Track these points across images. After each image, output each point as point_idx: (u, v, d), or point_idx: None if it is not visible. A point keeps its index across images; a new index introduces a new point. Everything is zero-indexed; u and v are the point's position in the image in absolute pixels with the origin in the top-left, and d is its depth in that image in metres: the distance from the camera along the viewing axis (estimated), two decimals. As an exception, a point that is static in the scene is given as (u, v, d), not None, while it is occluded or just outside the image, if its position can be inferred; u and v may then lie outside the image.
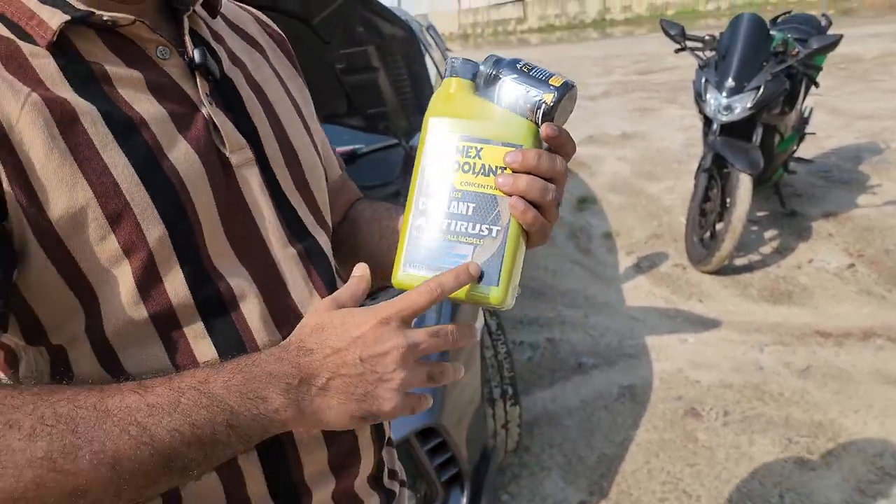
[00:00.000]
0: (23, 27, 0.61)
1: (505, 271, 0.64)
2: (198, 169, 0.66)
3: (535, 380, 3.02)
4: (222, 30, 0.78)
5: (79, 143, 0.60)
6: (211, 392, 0.56)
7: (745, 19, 3.70)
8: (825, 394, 2.69)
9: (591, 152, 6.54)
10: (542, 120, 0.64)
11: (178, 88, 0.68)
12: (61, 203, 0.59)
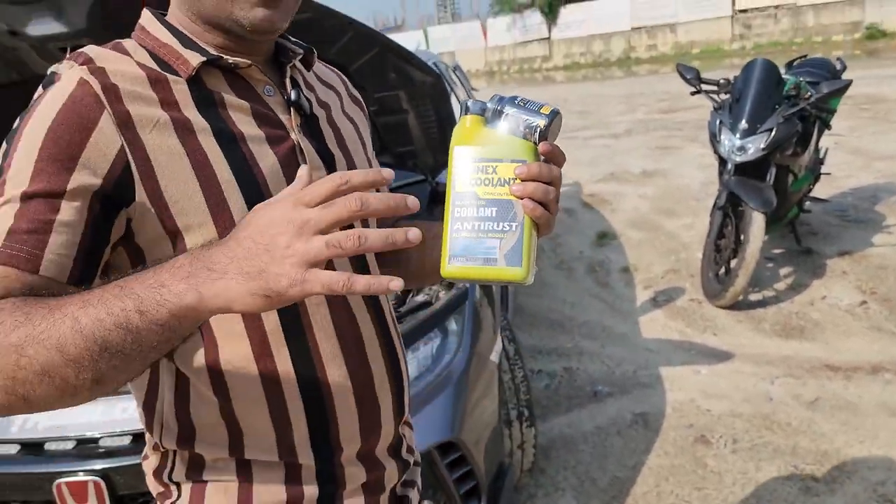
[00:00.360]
0: (170, 64, 0.85)
1: (525, 255, 0.82)
2: (280, 177, 0.86)
3: (552, 406, 3.15)
4: (313, 81, 1.01)
5: (194, 149, 0.81)
6: (125, 285, 0.68)
7: (759, 64, 3.86)
8: (832, 424, 2.78)
9: (612, 189, 6.70)
10: (539, 140, 0.83)
11: (276, 118, 0.89)
12: (177, 191, 0.80)
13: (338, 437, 0.92)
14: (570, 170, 7.68)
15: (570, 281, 4.60)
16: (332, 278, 0.64)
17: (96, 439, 1.79)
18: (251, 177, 0.84)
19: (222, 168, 0.82)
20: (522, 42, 30.81)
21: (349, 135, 1.01)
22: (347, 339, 0.92)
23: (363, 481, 0.96)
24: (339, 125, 1.00)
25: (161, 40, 0.86)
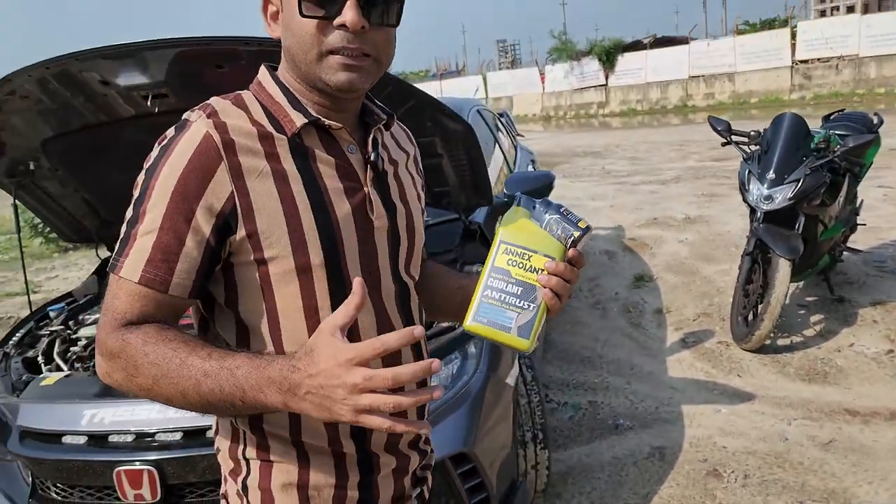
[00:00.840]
0: (279, 120, 1.06)
1: (534, 331, 1.06)
2: (351, 224, 1.07)
3: (573, 436, 3.30)
4: (388, 140, 1.21)
5: (286, 196, 1.02)
6: (236, 376, 0.92)
7: (787, 118, 4.02)
8: (843, 465, 2.87)
9: (653, 234, 6.83)
10: (570, 246, 1.08)
11: (354, 173, 1.09)
12: (268, 229, 1.01)
13: (372, 432, 1.12)
14: (614, 214, 7.87)
15: (604, 320, 4.75)
16: (374, 422, 0.88)
17: (152, 434, 2.05)
18: (328, 222, 1.04)
19: (307, 214, 1.03)
20: (579, 88, 31.12)
21: (409, 189, 1.21)
22: (388, 356, 1.08)
23: (392, 468, 1.17)
24: (402, 180, 1.20)
25: (273, 97, 1.07)
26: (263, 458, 1.11)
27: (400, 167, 1.21)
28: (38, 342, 2.71)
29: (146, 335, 0.97)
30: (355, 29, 0.99)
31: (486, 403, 2.24)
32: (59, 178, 2.83)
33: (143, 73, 2.24)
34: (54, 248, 9.25)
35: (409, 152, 1.27)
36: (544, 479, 2.63)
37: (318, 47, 1.01)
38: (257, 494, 1.10)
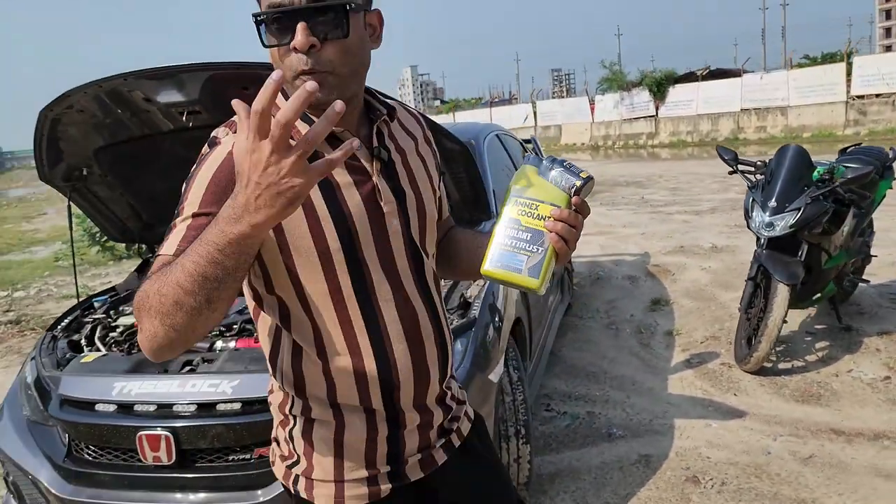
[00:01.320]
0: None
1: (542, 272, 1.21)
2: (362, 211, 1.22)
3: (567, 442, 3.50)
4: (396, 130, 1.34)
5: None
6: (202, 238, 0.99)
7: (791, 150, 4.18)
8: (818, 478, 3.01)
9: (678, 261, 6.97)
10: (573, 195, 1.23)
11: (362, 166, 1.24)
12: (290, 223, 1.17)
13: (399, 393, 1.28)
14: (644, 241, 8.02)
15: (615, 340, 4.93)
16: (319, 166, 0.93)
17: (171, 405, 2.34)
18: (341, 213, 1.20)
19: (322, 208, 1.19)
20: (629, 118, 31.19)
21: (419, 173, 1.34)
22: (408, 326, 1.28)
23: (417, 423, 1.33)
24: (412, 166, 1.33)
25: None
26: (306, 415, 1.31)
27: (409, 154, 1.34)
28: (83, 327, 3.06)
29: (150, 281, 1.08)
30: (304, 49, 1.12)
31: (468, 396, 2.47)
32: (108, 184, 3.20)
33: (180, 92, 2.58)
34: (109, 257, 9.82)
35: (417, 136, 1.39)
36: (526, 472, 2.84)
37: (288, 72, 1.15)
38: (301, 443, 1.32)
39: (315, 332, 1.25)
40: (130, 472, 2.35)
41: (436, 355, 1.34)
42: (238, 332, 2.80)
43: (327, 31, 1.14)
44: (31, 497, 2.56)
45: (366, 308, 1.25)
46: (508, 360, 2.86)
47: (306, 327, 1.25)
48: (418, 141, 1.40)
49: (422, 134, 1.42)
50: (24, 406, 2.69)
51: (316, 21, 1.13)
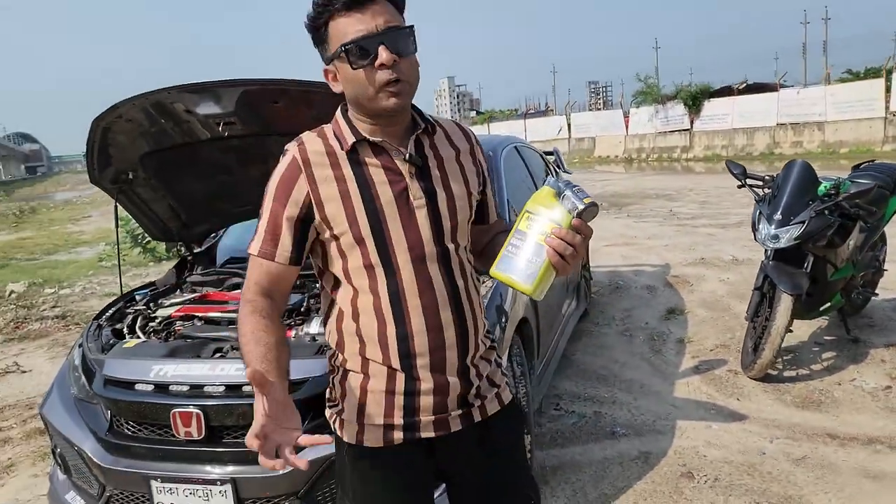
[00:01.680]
0: (340, 141, 1.53)
1: (536, 280, 1.45)
2: (393, 206, 1.52)
3: (573, 438, 3.69)
4: (439, 140, 1.61)
5: (344, 190, 1.51)
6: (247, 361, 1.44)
7: (797, 165, 4.33)
8: (808, 478, 3.16)
9: (697, 272, 7.11)
10: (575, 216, 1.42)
11: (397, 169, 1.53)
12: (332, 212, 1.51)
13: (415, 360, 1.56)
14: (666, 253, 8.15)
15: (628, 346, 5.10)
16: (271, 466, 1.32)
17: (201, 385, 2.59)
18: (373, 206, 1.51)
19: (357, 201, 1.50)
20: (663, 132, 31.11)
21: (455, 178, 1.59)
22: (427, 304, 1.55)
23: (433, 388, 1.57)
24: (447, 171, 1.58)
25: (340, 126, 1.55)
26: (343, 366, 1.62)
27: (447, 161, 1.60)
28: (125, 317, 3.34)
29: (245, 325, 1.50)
30: (389, 63, 1.43)
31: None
32: (151, 186, 3.49)
33: (217, 105, 2.86)
34: (150, 258, 10.23)
35: (460, 148, 1.65)
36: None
37: (373, 86, 1.45)
38: (339, 389, 1.64)
39: (352, 299, 1.57)
40: (164, 445, 2.61)
41: (453, 333, 1.58)
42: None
43: (401, 48, 1.46)
44: (76, 467, 2.83)
45: (391, 285, 1.53)
46: (512, 356, 3.06)
47: (347, 295, 1.57)
48: (461, 152, 1.65)
49: (467, 147, 1.68)
50: (72, 386, 2.98)
51: (392, 41, 1.45)
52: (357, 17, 1.45)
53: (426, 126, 1.59)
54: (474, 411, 1.64)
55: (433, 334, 1.55)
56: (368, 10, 1.45)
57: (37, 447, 4.13)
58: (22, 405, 4.89)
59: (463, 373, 1.61)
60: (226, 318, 3.09)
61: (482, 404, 1.66)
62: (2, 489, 3.67)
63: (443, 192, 1.57)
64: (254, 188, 3.50)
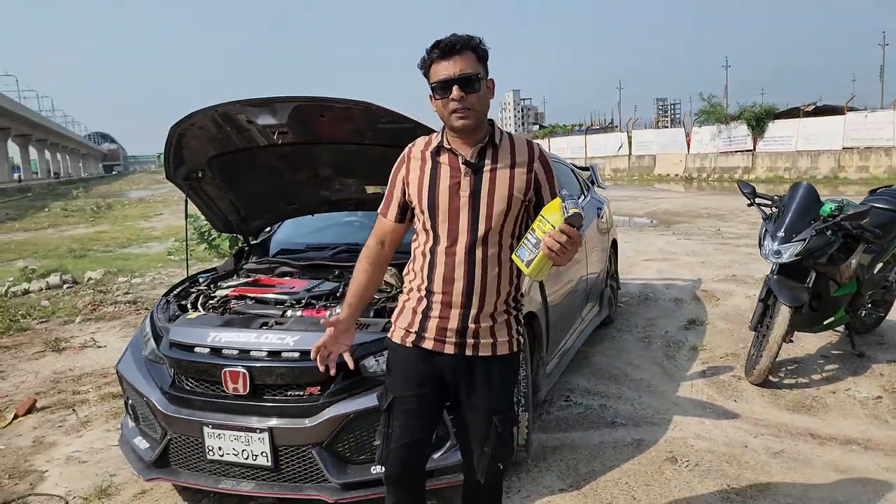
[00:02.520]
0: (430, 144, 2.28)
1: (533, 265, 2.00)
2: (447, 194, 2.19)
3: (576, 425, 4.09)
4: (502, 150, 2.21)
5: (420, 177, 2.24)
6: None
7: (802, 186, 4.65)
8: (781, 468, 3.49)
9: (726, 288, 7.38)
10: (565, 221, 1.91)
11: (458, 168, 2.19)
12: (412, 191, 2.27)
13: (433, 298, 2.25)
14: (701, 269, 8.45)
15: (645, 350, 5.46)
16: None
17: (248, 350, 3.11)
18: (433, 191, 2.19)
19: (426, 185, 2.20)
20: (725, 152, 30.87)
21: (501, 182, 2.17)
22: (447, 273, 2.21)
23: (438, 319, 2.24)
24: (497, 175, 2.17)
25: (436, 136, 2.27)
26: (404, 290, 2.38)
27: (500, 169, 2.18)
28: (189, 295, 3.91)
29: (357, 263, 2.40)
30: (458, 98, 2.10)
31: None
32: (216, 185, 4.06)
33: (273, 117, 3.39)
34: (214, 254, 10.97)
35: (517, 160, 2.21)
36: (524, 434, 3.47)
37: (447, 110, 2.14)
38: (399, 304, 2.38)
39: (416, 248, 2.30)
40: (216, 398, 3.14)
41: (461, 293, 2.21)
42: (305, 304, 3.56)
43: (467, 89, 2.12)
44: (144, 415, 3.40)
45: (433, 250, 2.23)
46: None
47: (416, 245, 2.31)
48: (517, 164, 2.21)
49: (526, 160, 2.22)
50: (143, 348, 3.55)
51: (463, 83, 2.11)
52: (444, 65, 2.12)
53: (490, 140, 2.20)
54: (467, 348, 2.26)
55: (447, 287, 2.22)
56: (452, 60, 2.12)
57: (109, 408, 4.74)
58: (97, 374, 5.55)
59: (463, 319, 2.23)
60: (272, 299, 3.62)
61: (475, 344, 2.26)
62: (80, 439, 4.28)
63: (486, 193, 2.16)
64: (301, 189, 4.08)
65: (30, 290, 9.18)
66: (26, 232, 19.29)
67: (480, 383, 2.28)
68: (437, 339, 2.26)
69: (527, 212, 2.23)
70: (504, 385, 2.36)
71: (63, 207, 27.89)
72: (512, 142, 2.23)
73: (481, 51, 2.16)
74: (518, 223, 2.22)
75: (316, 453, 2.99)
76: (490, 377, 2.29)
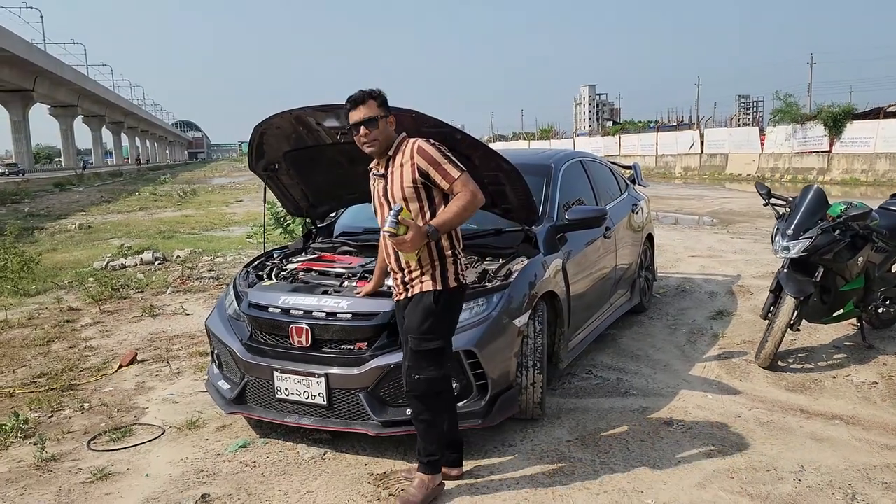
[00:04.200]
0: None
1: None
2: (378, 192, 3.24)
3: (591, 393, 4.67)
4: (397, 158, 3.20)
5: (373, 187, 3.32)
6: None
7: (812, 189, 5.08)
8: (763, 435, 3.98)
9: (761, 284, 7.77)
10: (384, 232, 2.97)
11: (381, 177, 3.21)
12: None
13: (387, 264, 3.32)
14: (744, 266, 8.85)
15: (670, 336, 5.97)
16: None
17: (311, 311, 3.83)
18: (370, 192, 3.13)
19: (370, 189, 3.23)
20: (800, 152, 30.33)
21: (396, 180, 3.14)
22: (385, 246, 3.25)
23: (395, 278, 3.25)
24: (395, 174, 3.15)
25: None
26: None
27: (395, 168, 3.14)
28: (265, 267, 4.67)
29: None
30: (364, 135, 3.17)
31: (494, 330, 3.77)
32: (290, 175, 4.81)
33: (337, 120, 4.09)
34: (289, 238, 11.88)
35: (405, 161, 3.13)
36: (539, 392, 4.07)
37: (360, 142, 3.19)
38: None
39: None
40: (283, 349, 3.87)
41: (395, 263, 3.22)
42: (359, 277, 4.25)
43: (371, 126, 3.17)
44: (226, 363, 4.17)
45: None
46: (535, 316, 4.10)
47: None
48: (405, 161, 3.14)
49: (409, 157, 3.14)
50: (227, 308, 4.33)
51: (367, 124, 3.15)
52: (353, 113, 3.19)
53: (393, 153, 3.19)
54: (409, 290, 3.23)
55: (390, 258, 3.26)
56: (358, 109, 3.17)
57: (196, 363, 5.58)
58: (186, 336, 6.43)
59: (402, 270, 3.23)
60: (333, 272, 4.34)
61: (410, 287, 3.23)
62: (172, 386, 5.11)
63: (391, 188, 3.16)
64: (359, 181, 4.80)
65: (126, 264, 10.28)
66: (120, 214, 20.87)
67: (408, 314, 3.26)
68: (399, 292, 3.36)
69: (427, 189, 3.13)
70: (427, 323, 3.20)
71: (152, 192, 29.72)
72: (402, 149, 3.15)
73: (379, 98, 3.16)
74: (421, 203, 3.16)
75: (362, 396, 3.68)
76: (415, 307, 3.22)
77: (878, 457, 3.69)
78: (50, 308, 7.73)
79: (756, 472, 3.53)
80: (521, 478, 3.52)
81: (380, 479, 3.55)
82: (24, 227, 15.88)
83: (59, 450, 4.04)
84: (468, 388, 3.73)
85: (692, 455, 3.75)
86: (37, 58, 50.43)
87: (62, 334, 6.64)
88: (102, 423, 4.43)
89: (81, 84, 65.13)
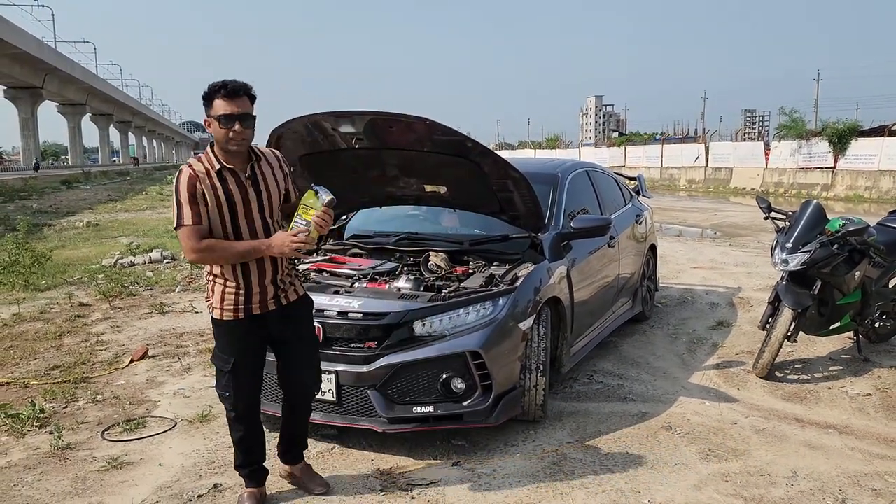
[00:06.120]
0: (209, 164, 3.07)
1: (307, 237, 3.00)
2: (241, 201, 3.06)
3: (592, 398, 4.79)
4: (264, 163, 3.17)
5: (216, 196, 3.03)
6: (252, 246, 3.06)
7: (811, 204, 5.20)
8: (758, 441, 4.10)
9: (761, 296, 7.84)
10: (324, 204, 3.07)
11: (243, 183, 3.07)
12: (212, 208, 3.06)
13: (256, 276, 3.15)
14: (744, 279, 8.95)
15: (670, 344, 6.08)
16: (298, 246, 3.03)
17: (322, 310, 3.93)
18: (232, 203, 3.02)
19: (222, 199, 3.00)
20: (804, 168, 30.43)
21: (272, 186, 3.12)
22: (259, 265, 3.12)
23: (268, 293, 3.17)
24: (268, 182, 3.11)
25: (209, 158, 3.05)
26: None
27: (268, 176, 3.11)
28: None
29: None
30: (240, 131, 2.95)
31: (499, 332, 3.89)
32: (305, 178, 4.93)
33: (352, 126, 4.23)
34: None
35: (273, 165, 3.17)
36: (541, 395, 4.19)
37: (227, 137, 2.96)
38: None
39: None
40: (296, 346, 4.00)
41: (269, 272, 3.13)
42: (369, 279, 4.39)
43: (246, 124, 2.98)
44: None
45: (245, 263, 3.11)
46: (540, 321, 4.23)
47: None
48: (274, 168, 3.18)
49: (277, 164, 3.21)
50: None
51: (243, 120, 2.97)
52: (228, 103, 2.93)
53: (255, 159, 3.09)
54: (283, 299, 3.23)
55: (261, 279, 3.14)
56: (235, 101, 2.93)
57: (205, 359, 5.70)
58: (195, 333, 6.56)
59: (274, 281, 3.17)
60: (343, 273, 4.47)
61: (286, 296, 3.24)
62: (183, 380, 5.24)
63: (266, 194, 3.09)
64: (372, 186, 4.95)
65: (135, 262, 10.42)
66: (127, 212, 21.05)
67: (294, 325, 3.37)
68: (262, 303, 3.24)
69: (284, 199, 3.18)
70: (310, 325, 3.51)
71: (159, 192, 29.89)
72: (265, 156, 3.15)
73: (253, 98, 3.01)
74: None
75: (370, 393, 3.81)
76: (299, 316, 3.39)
77: (870, 465, 3.80)
78: (61, 303, 7.87)
79: (750, 476, 3.65)
80: (523, 476, 3.64)
81: (385, 474, 3.67)
82: (32, 223, 16.03)
83: (74, 439, 4.16)
84: (473, 388, 3.85)
85: (689, 458, 3.87)
86: (47, 55, 50.73)
87: (73, 329, 6.78)
88: (115, 415, 4.56)
89: (90, 82, 65.47)
